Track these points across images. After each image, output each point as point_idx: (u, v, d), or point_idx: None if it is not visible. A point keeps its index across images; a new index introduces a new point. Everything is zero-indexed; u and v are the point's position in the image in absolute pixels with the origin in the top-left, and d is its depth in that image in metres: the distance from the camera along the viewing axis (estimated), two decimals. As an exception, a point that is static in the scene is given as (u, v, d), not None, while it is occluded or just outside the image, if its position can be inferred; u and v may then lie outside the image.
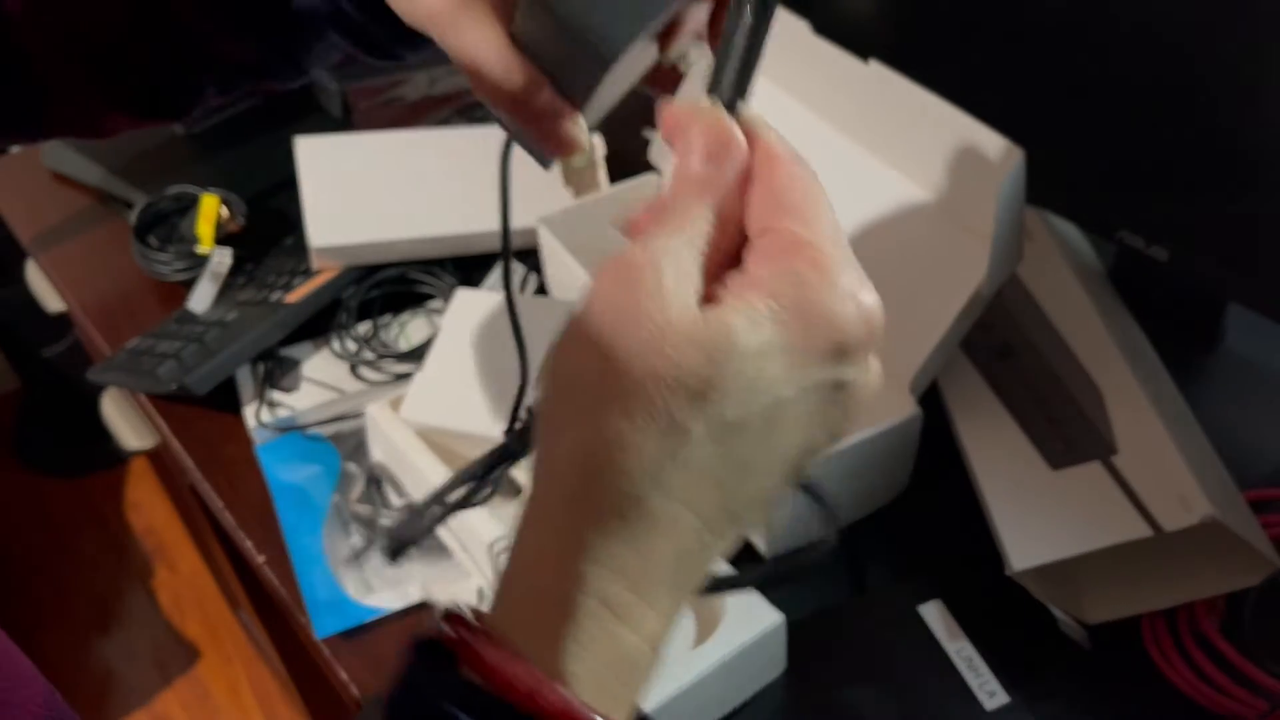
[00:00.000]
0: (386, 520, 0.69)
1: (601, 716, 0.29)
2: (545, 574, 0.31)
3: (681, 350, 0.29)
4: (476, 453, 0.67)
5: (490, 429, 0.62)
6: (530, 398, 0.57)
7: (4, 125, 0.47)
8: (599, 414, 0.30)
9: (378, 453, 0.72)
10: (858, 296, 0.31)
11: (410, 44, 0.44)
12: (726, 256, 0.32)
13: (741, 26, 0.34)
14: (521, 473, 0.68)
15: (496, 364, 0.63)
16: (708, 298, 0.31)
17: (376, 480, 0.71)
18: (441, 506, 0.56)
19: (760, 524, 0.32)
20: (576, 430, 0.30)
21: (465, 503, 0.54)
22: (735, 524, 0.31)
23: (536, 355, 0.62)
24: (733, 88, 0.35)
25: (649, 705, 0.51)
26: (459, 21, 0.39)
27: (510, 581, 0.32)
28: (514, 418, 0.58)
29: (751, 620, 0.56)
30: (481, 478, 0.55)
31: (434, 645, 0.30)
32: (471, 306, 0.69)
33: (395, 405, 0.69)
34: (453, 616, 0.30)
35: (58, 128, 0.48)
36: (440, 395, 0.66)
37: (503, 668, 0.28)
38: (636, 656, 0.31)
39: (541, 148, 0.42)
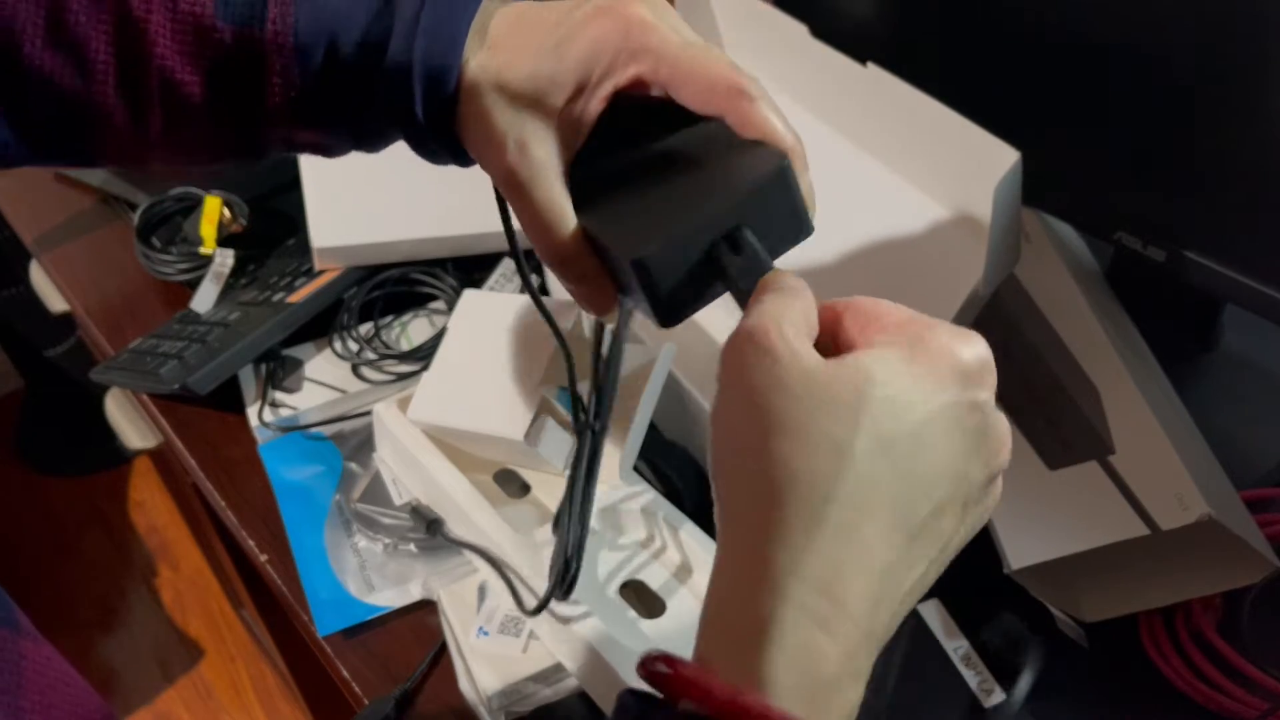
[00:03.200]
0: (389, 520, 0.69)
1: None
2: (743, 601, 0.33)
3: (827, 386, 0.33)
4: (484, 452, 0.68)
5: (497, 428, 0.62)
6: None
7: (58, 150, 0.48)
8: (771, 454, 0.33)
9: (385, 451, 0.72)
10: (967, 335, 0.36)
11: (462, 161, 0.46)
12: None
13: None
14: (528, 472, 0.69)
15: (503, 364, 0.64)
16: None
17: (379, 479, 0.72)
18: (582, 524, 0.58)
19: (942, 552, 0.35)
20: (750, 474, 0.34)
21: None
22: (914, 542, 0.34)
23: (539, 355, 0.63)
24: None
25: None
26: (531, 187, 0.42)
27: (709, 621, 0.34)
28: (576, 405, 0.59)
29: None
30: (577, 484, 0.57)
31: (642, 694, 0.33)
32: (478, 307, 0.69)
33: (403, 405, 0.70)
34: (650, 659, 0.33)
35: (109, 158, 0.49)
36: (447, 395, 0.66)
37: (700, 679, 0.31)
38: (837, 671, 0.32)
39: (578, 303, 0.45)
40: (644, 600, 0.61)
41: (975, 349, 0.35)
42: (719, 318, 0.81)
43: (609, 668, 0.54)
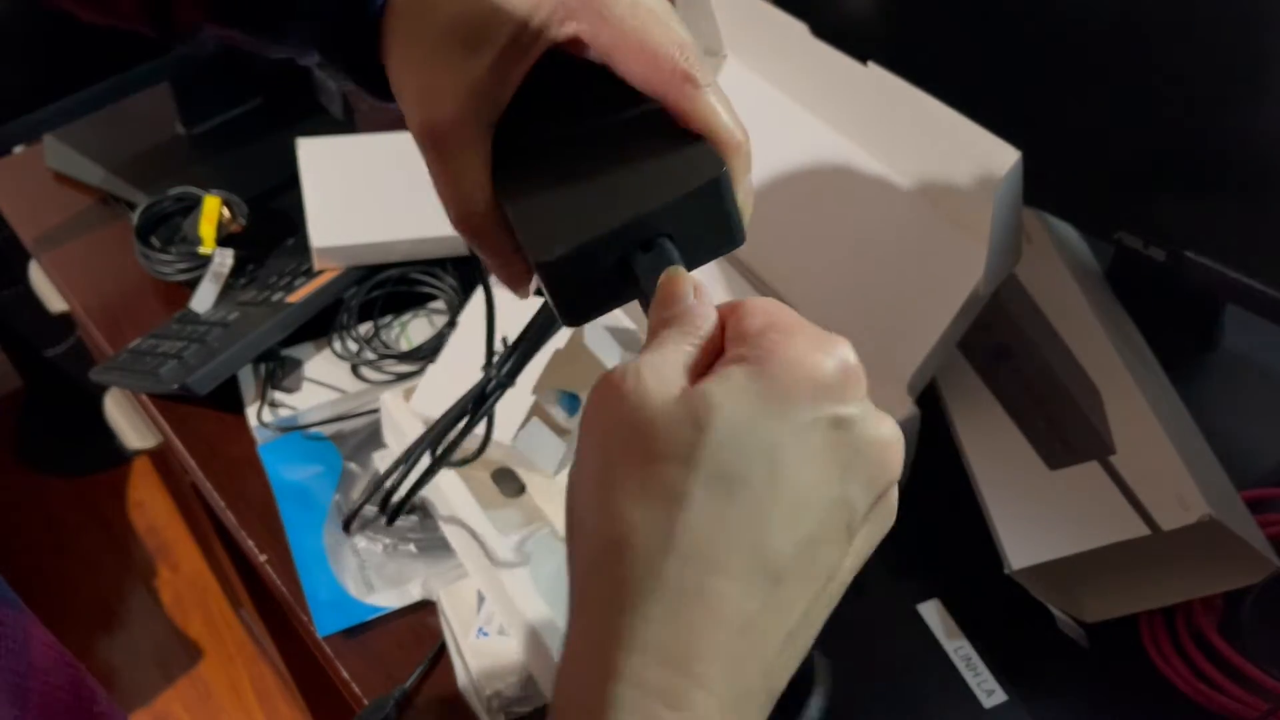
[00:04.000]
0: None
1: None
2: (582, 682, 0.30)
3: (664, 426, 0.30)
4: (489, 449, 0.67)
5: (497, 432, 0.62)
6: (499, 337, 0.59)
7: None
8: (605, 509, 0.30)
9: (390, 441, 0.72)
10: (826, 342, 0.31)
11: (382, 96, 0.42)
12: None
13: None
14: (522, 469, 0.69)
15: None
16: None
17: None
18: (431, 453, 0.58)
19: (827, 585, 0.31)
20: (590, 533, 0.31)
21: (454, 445, 0.56)
22: (781, 586, 0.29)
23: (538, 358, 0.63)
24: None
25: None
26: (450, 145, 0.38)
27: (555, 707, 0.31)
28: (489, 350, 0.59)
29: None
30: (463, 416, 0.56)
31: None
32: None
33: (408, 395, 0.70)
34: None
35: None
36: (445, 390, 0.66)
37: None
38: None
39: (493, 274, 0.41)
40: None
41: (834, 356, 0.31)
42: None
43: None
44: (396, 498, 0.62)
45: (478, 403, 0.58)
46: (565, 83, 0.39)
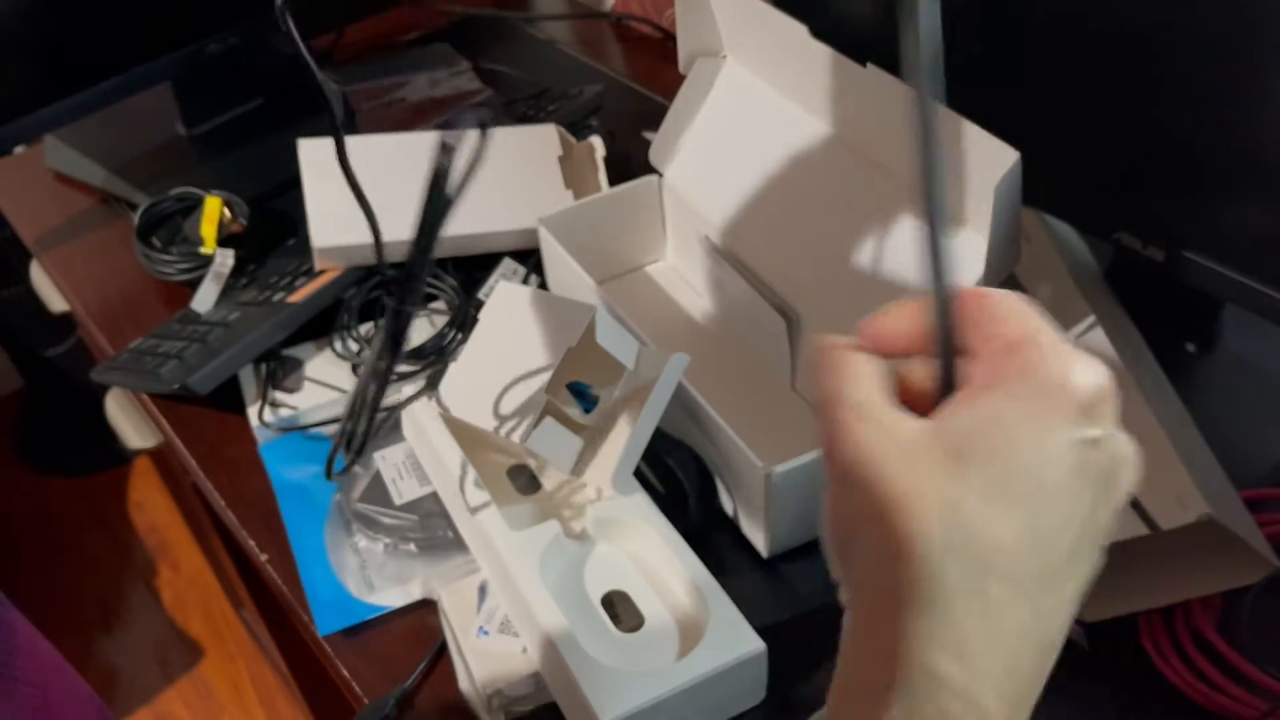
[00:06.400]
0: (389, 519, 0.70)
1: None
2: (870, 671, 0.32)
3: (930, 445, 0.32)
4: (496, 444, 0.68)
5: (510, 430, 0.62)
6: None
7: None
8: (881, 523, 0.31)
9: (407, 433, 0.72)
10: (1081, 360, 0.32)
11: None
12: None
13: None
14: (535, 465, 0.69)
15: (516, 361, 0.63)
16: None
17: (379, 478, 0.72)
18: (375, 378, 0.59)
19: (1077, 592, 0.33)
20: (864, 554, 0.32)
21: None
22: (1046, 596, 0.32)
23: (551, 354, 0.63)
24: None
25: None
26: None
27: (838, 690, 0.34)
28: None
29: (732, 644, 0.56)
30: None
31: None
32: (509, 299, 0.68)
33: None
34: None
35: None
36: (463, 386, 0.66)
37: None
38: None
39: None
40: (625, 612, 0.61)
41: (1091, 376, 0.31)
42: (728, 327, 0.81)
43: (571, 676, 0.54)
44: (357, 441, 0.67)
45: (396, 337, 0.60)
46: None
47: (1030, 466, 0.31)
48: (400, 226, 0.85)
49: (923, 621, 0.31)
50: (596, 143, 0.87)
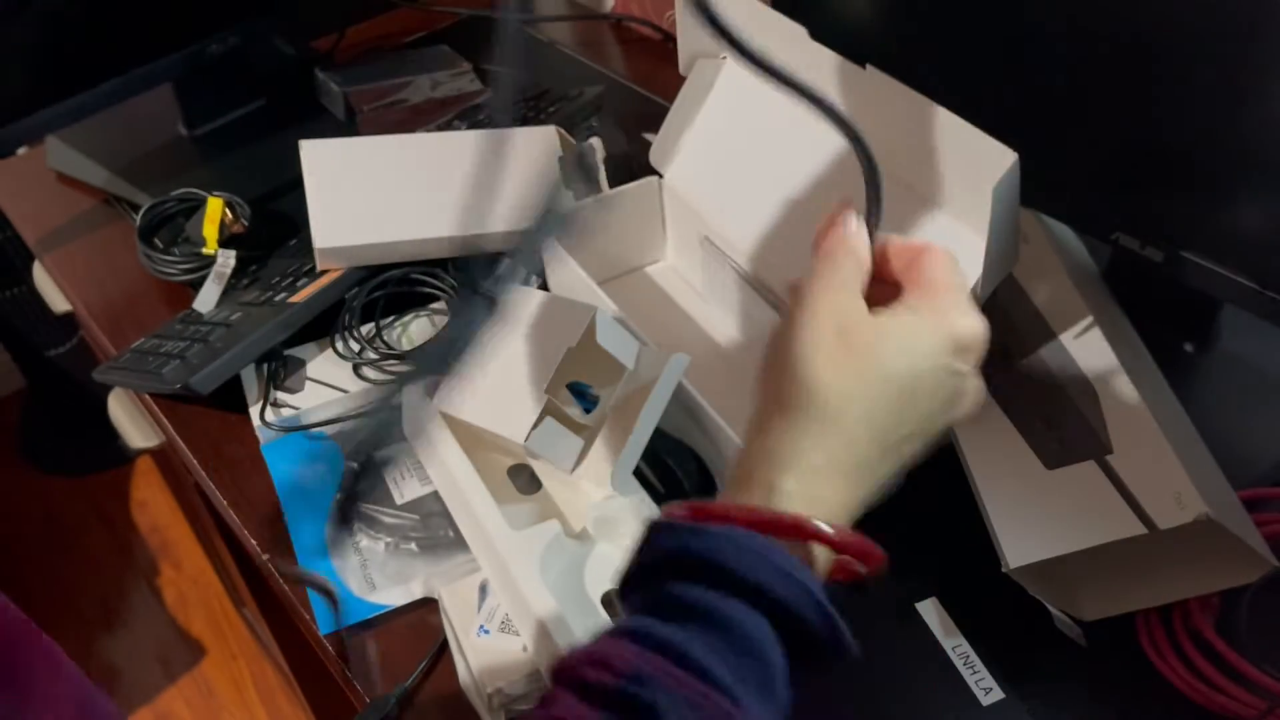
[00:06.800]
0: (390, 519, 0.70)
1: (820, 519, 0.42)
2: (757, 468, 0.45)
3: (868, 334, 0.45)
4: (498, 444, 0.68)
5: (500, 427, 0.62)
6: None
7: None
8: (801, 358, 0.45)
9: (408, 433, 0.72)
10: (972, 314, 0.47)
11: None
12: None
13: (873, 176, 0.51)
14: (538, 466, 0.69)
15: (518, 361, 0.64)
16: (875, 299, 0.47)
17: (379, 469, 0.72)
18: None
19: (898, 465, 0.46)
20: (776, 371, 0.46)
21: None
22: (887, 456, 0.45)
23: (553, 355, 0.63)
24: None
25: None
26: None
27: (731, 482, 0.45)
28: None
29: None
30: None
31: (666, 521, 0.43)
32: (521, 303, 0.68)
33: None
34: (667, 509, 0.44)
35: None
36: (465, 386, 0.66)
37: (717, 507, 0.42)
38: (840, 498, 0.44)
39: None
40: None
41: (977, 328, 0.47)
42: (728, 327, 0.81)
43: None
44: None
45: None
46: None
47: (918, 373, 0.45)
48: (401, 227, 0.86)
49: (798, 420, 0.44)
50: (596, 143, 0.87)
